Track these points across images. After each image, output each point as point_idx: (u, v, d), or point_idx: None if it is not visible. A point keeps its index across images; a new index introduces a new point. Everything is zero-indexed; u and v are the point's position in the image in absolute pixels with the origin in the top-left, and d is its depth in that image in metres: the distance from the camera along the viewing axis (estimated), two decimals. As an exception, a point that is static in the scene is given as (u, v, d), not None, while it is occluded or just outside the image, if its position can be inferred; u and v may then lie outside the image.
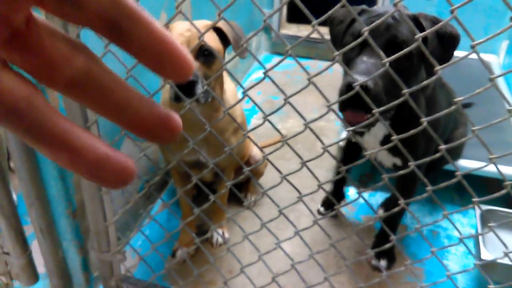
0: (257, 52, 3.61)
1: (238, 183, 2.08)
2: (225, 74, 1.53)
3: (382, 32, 1.18)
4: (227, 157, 1.15)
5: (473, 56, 2.71)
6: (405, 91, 0.82)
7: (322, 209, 2.03)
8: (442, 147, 0.86)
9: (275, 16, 3.57)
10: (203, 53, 1.30)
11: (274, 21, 3.59)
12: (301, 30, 3.63)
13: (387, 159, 1.54)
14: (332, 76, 2.44)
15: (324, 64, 3.48)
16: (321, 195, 2.04)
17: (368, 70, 1.13)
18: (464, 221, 2.04)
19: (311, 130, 0.98)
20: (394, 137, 0.90)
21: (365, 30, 0.80)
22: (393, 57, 0.80)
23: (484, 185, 2.22)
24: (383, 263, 1.75)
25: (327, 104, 0.91)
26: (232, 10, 2.68)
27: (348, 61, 1.24)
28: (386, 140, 1.45)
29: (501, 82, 2.76)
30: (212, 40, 1.33)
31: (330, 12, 0.83)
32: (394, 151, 1.46)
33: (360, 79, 1.03)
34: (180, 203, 1.81)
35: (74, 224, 1.49)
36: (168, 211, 2.06)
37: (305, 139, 2.59)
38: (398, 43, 1.18)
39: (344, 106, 1.21)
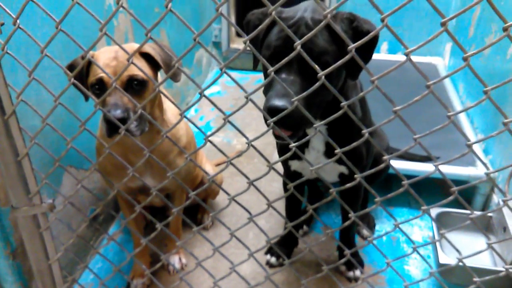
0: (209, 68, 3.57)
1: (195, 204, 2.02)
2: (163, 92, 1.47)
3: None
4: (174, 180, 1.09)
5: (419, 59, 2.74)
6: (343, 103, 0.80)
7: (272, 259, 1.83)
8: (386, 157, 0.83)
9: (224, 31, 3.54)
10: (133, 84, 1.22)
11: (224, 36, 3.57)
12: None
13: (333, 170, 1.51)
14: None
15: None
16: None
17: (286, 91, 1.00)
18: (422, 224, 2.05)
19: (254, 148, 0.94)
20: (338, 150, 0.87)
21: (297, 44, 0.76)
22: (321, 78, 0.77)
23: (437, 186, 2.25)
24: (357, 272, 1.74)
25: (267, 121, 0.87)
26: (177, 26, 2.64)
27: (266, 77, 1.17)
28: (329, 149, 1.42)
29: (448, 84, 2.83)
30: (141, 67, 1.24)
31: (259, 28, 0.79)
32: (339, 159, 1.43)
33: (276, 103, 1.02)
34: (131, 232, 1.72)
35: (15, 264, 1.38)
36: (123, 237, 1.96)
37: (262, 151, 2.56)
38: (315, 56, 1.08)
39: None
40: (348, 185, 0.94)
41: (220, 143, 2.68)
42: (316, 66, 0.78)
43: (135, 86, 1.22)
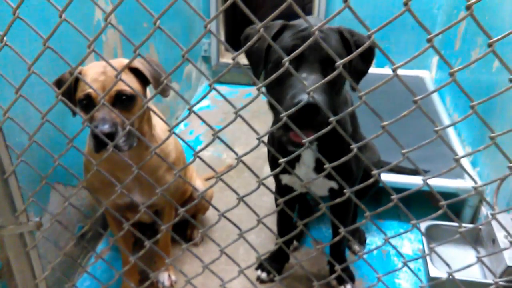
0: (199, 82, 3.57)
1: (184, 219, 2.00)
2: (153, 108, 1.46)
3: (314, 47, 1.13)
4: (163, 196, 1.08)
5: (406, 72, 2.78)
6: (332, 119, 0.80)
7: (263, 275, 1.81)
8: (375, 172, 0.84)
9: (213, 46, 3.56)
10: (121, 98, 1.22)
11: (213, 51, 3.59)
12: (241, 58, 3.63)
13: (323, 185, 1.51)
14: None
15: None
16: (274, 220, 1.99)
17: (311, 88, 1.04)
18: (412, 237, 2.05)
19: (244, 163, 0.94)
20: (327, 165, 0.87)
21: (315, 29, 0.75)
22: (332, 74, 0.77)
23: (426, 198, 2.26)
24: (348, 287, 1.73)
25: (257, 136, 0.87)
26: (166, 41, 2.65)
27: (281, 80, 1.15)
28: (319, 165, 1.42)
29: (435, 96, 2.86)
30: (129, 83, 1.23)
31: (248, 44, 0.80)
32: (329, 175, 1.44)
33: (308, 98, 0.96)
34: (120, 249, 1.70)
35: (1, 284, 1.35)
36: (112, 255, 1.94)
37: (252, 165, 2.56)
38: (331, 58, 1.12)
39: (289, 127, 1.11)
40: (338, 200, 0.94)
41: (210, 157, 2.67)
42: (334, 55, 0.78)
43: (123, 102, 1.21)
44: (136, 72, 1.26)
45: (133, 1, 0.82)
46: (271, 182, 2.03)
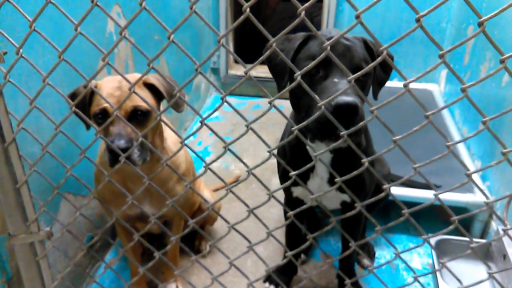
0: (207, 93, 3.60)
1: (193, 230, 2.01)
2: (165, 121, 1.48)
3: (343, 53, 1.14)
4: (173, 207, 1.09)
5: (415, 85, 2.78)
6: (343, 133, 0.80)
7: (271, 287, 1.80)
8: (386, 186, 0.84)
9: (222, 58, 3.59)
10: (137, 114, 1.23)
11: (222, 63, 3.61)
12: (251, 71, 3.66)
13: (335, 198, 1.50)
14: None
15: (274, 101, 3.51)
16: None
17: (348, 90, 1.02)
18: (421, 251, 2.03)
19: (255, 176, 0.94)
20: (338, 179, 0.87)
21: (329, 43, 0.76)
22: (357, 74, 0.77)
23: (435, 211, 2.25)
24: None
25: (268, 149, 0.87)
26: (177, 53, 2.67)
27: (312, 87, 1.13)
28: (332, 177, 1.42)
29: (444, 110, 2.86)
30: (145, 98, 1.24)
31: (262, 57, 0.81)
32: (342, 188, 1.43)
33: (348, 99, 0.99)
34: (128, 260, 1.70)
35: (10, 293, 1.36)
36: (120, 265, 1.94)
37: (261, 177, 2.56)
38: (358, 62, 1.15)
39: (326, 133, 1.08)
40: (349, 214, 0.94)
41: (218, 168, 2.68)
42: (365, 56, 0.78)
43: (139, 117, 1.23)
44: (150, 87, 1.28)
45: (145, 14, 0.83)
46: (279, 194, 2.03)
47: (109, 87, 1.21)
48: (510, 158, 0.76)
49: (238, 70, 3.68)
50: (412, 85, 2.97)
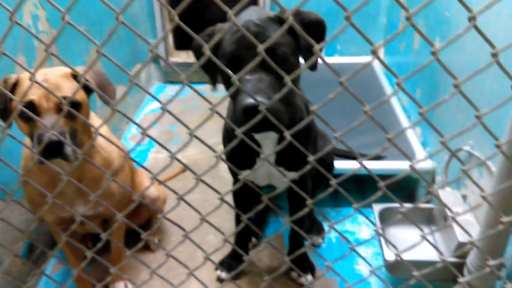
0: (149, 83, 3.49)
1: (142, 225, 1.94)
2: (92, 115, 1.41)
3: (249, 46, 1.09)
4: (110, 205, 1.04)
5: (355, 59, 2.79)
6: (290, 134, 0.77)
7: (223, 274, 1.78)
8: (311, 158, 0.82)
9: (161, 45, 3.48)
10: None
11: (161, 50, 3.51)
12: (191, 56, 3.57)
13: (283, 177, 1.50)
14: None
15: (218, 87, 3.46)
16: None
17: (257, 87, 1.04)
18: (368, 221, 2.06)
19: (224, 160, 0.91)
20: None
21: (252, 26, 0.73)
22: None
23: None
24: (309, 278, 1.73)
25: (215, 155, 0.83)
26: (111, 44, 2.56)
27: (231, 86, 1.10)
28: (279, 158, 1.40)
29: (385, 83, 2.91)
30: (73, 90, 1.18)
31: (195, 65, 0.76)
32: (289, 166, 1.42)
33: (251, 101, 0.99)
34: (69, 263, 1.62)
35: None
36: (64, 270, 1.85)
37: (208, 163, 2.52)
38: (272, 49, 1.09)
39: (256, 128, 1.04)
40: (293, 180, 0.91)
41: (165, 160, 2.61)
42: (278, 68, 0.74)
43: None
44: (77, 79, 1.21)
45: (66, 3, 0.75)
46: (226, 171, 1.99)
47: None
48: (446, 119, 0.76)
49: (179, 56, 3.59)
50: (352, 59, 3.00)
